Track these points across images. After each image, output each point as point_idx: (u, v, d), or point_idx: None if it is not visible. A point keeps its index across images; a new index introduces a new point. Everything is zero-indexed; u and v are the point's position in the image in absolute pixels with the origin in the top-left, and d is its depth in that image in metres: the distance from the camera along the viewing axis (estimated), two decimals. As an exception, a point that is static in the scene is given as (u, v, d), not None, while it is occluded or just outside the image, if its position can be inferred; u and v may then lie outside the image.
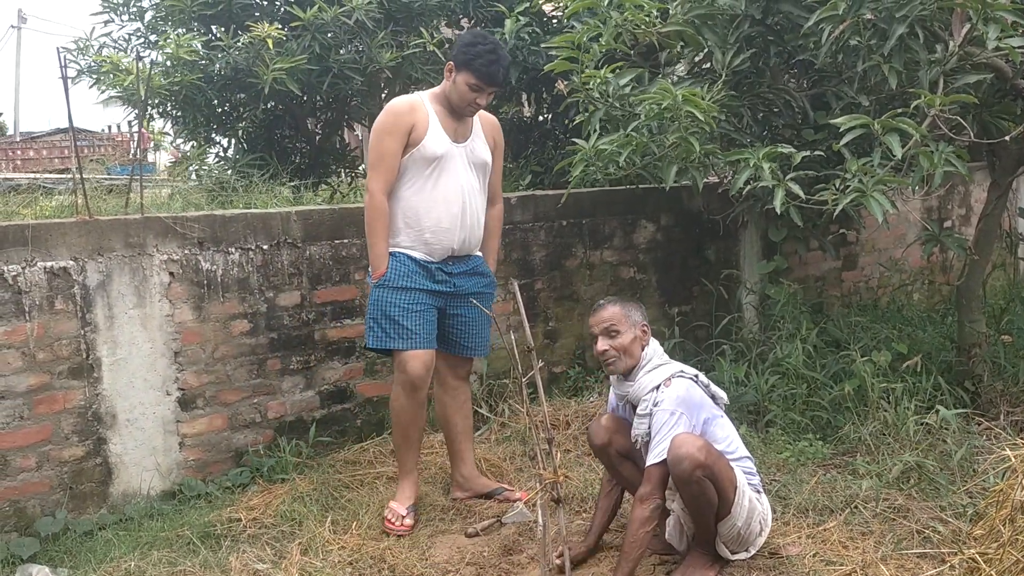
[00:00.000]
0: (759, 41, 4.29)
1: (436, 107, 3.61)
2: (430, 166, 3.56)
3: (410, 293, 3.58)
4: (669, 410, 3.00)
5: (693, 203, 5.44)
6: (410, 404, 3.64)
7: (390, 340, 3.58)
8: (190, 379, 3.94)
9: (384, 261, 3.57)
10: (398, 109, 3.56)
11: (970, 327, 4.63)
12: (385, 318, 3.57)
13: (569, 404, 4.78)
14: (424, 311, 3.61)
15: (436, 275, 3.63)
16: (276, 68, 5.10)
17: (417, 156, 3.54)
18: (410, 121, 3.53)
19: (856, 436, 4.08)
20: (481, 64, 3.48)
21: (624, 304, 3.19)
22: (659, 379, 3.09)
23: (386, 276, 3.57)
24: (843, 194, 3.47)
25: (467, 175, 3.65)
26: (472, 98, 3.54)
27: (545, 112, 6.51)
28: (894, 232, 6.64)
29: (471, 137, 3.68)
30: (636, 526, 2.95)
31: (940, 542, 3.20)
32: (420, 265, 3.61)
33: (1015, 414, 4.28)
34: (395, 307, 3.56)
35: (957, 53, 3.46)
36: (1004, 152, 4.43)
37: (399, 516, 3.58)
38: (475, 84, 3.51)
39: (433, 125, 3.56)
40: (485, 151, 3.73)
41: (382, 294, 3.58)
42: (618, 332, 3.13)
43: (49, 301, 3.58)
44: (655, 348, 3.20)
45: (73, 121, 3.97)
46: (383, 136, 3.54)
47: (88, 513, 3.71)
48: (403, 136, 3.52)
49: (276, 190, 5.02)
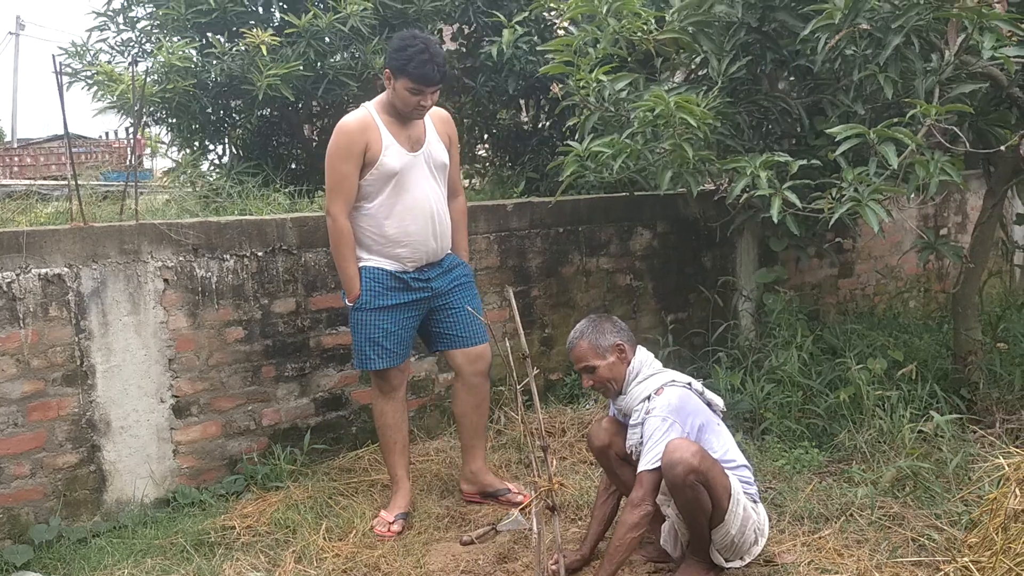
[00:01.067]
0: (756, 49, 4.30)
1: (385, 117, 3.56)
2: (391, 181, 3.54)
3: (389, 313, 3.61)
4: (661, 417, 3.00)
5: (689, 210, 5.45)
6: (391, 406, 3.74)
7: (372, 362, 3.67)
8: (184, 386, 3.94)
9: (356, 283, 3.59)
10: (349, 130, 3.52)
11: (966, 335, 4.63)
12: (368, 342, 3.63)
13: (565, 411, 4.78)
14: (404, 327, 3.67)
15: (412, 284, 3.64)
16: (270, 74, 5.11)
17: (377, 174, 3.53)
18: (363, 141, 3.49)
19: (852, 444, 4.07)
20: (415, 67, 3.41)
21: (591, 333, 3.15)
22: (650, 389, 3.09)
23: (362, 299, 3.59)
24: (839, 203, 3.47)
25: (429, 182, 3.63)
26: (415, 102, 3.48)
27: (543, 119, 6.52)
28: (890, 240, 6.65)
29: (426, 141, 3.64)
30: (624, 530, 2.95)
31: (935, 550, 3.20)
32: (395, 277, 3.61)
33: (1010, 422, 4.28)
34: (377, 330, 3.62)
35: (953, 62, 3.47)
36: (1000, 160, 4.45)
37: (386, 523, 3.62)
38: (414, 88, 3.45)
39: (387, 140, 3.53)
40: (442, 152, 3.70)
41: (362, 317, 3.62)
42: (593, 368, 3.14)
43: (43, 308, 3.57)
44: (642, 358, 3.19)
45: (69, 128, 3.96)
46: (337, 160, 3.52)
47: (82, 520, 3.70)
48: (358, 158, 3.50)
49: (271, 197, 5.02)
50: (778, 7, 4.13)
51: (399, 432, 3.75)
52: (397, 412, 3.76)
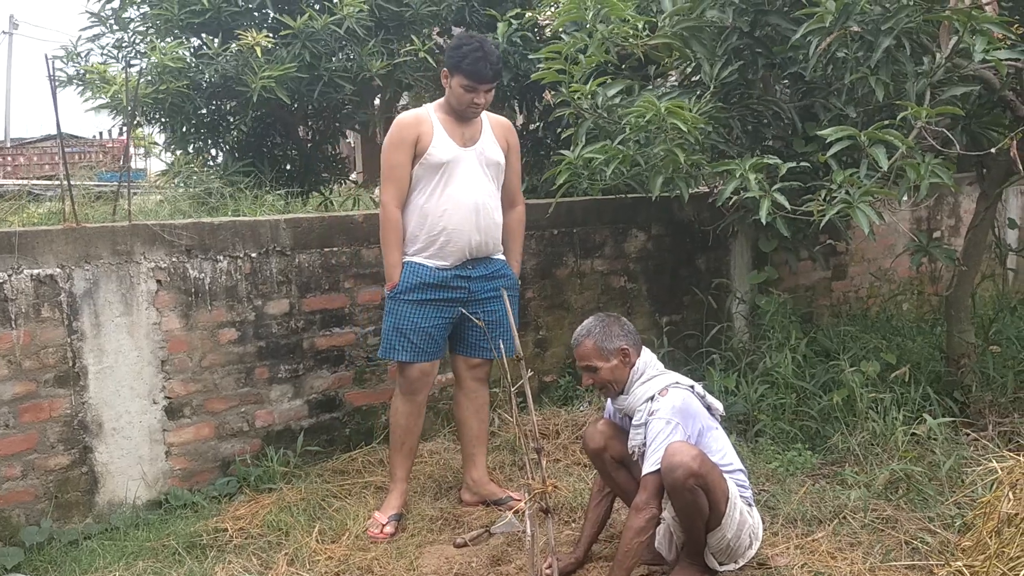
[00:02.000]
0: (747, 53, 4.30)
1: (441, 115, 3.69)
2: (439, 172, 3.63)
3: (422, 306, 3.66)
4: (665, 419, 2.99)
5: (683, 213, 5.45)
6: (406, 408, 3.74)
7: (395, 352, 3.70)
8: (177, 388, 3.92)
9: (397, 271, 3.66)
10: (403, 123, 3.65)
11: (959, 337, 4.64)
12: (395, 331, 3.68)
13: (559, 413, 4.77)
14: (435, 325, 3.69)
15: (451, 282, 3.68)
16: (265, 76, 5.09)
17: (426, 164, 3.62)
18: (415, 132, 3.61)
19: (845, 446, 4.08)
20: (468, 64, 3.54)
21: (599, 334, 3.15)
22: (654, 390, 3.09)
23: (399, 287, 3.66)
24: (829, 205, 3.48)
25: (479, 178, 3.70)
26: (469, 99, 3.59)
27: (537, 120, 6.52)
28: (883, 242, 6.66)
29: (480, 140, 3.73)
30: (631, 535, 2.94)
31: (928, 553, 3.20)
32: (434, 274, 3.66)
33: (1003, 425, 4.29)
34: (407, 321, 3.66)
35: (944, 65, 3.48)
36: (993, 163, 4.46)
37: (379, 524, 3.62)
38: (467, 84, 3.57)
39: (438, 133, 3.63)
40: (497, 152, 3.77)
41: (395, 307, 3.68)
42: (596, 369, 3.14)
43: (35, 309, 3.56)
44: (647, 359, 3.19)
45: (61, 127, 3.95)
46: (391, 150, 3.64)
47: (73, 522, 3.68)
48: (409, 148, 3.61)
49: (265, 198, 5.00)
50: (769, 11, 4.14)
51: (409, 435, 3.76)
52: (412, 415, 3.76)
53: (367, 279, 4.44)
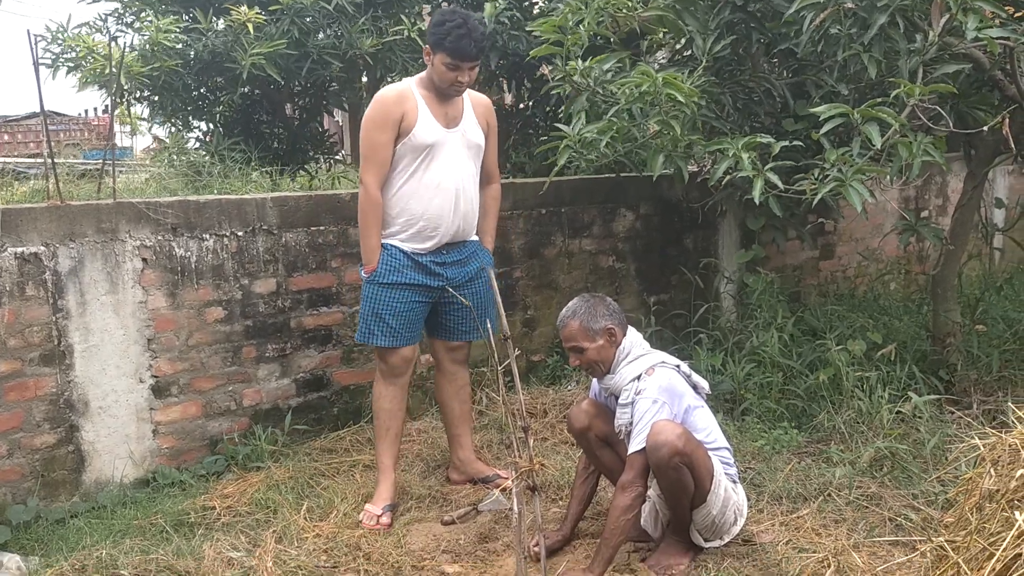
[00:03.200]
0: (740, 28, 4.29)
1: (424, 92, 3.56)
2: (422, 154, 3.53)
3: (400, 290, 3.58)
4: (651, 398, 3.00)
5: (672, 192, 5.44)
6: (389, 392, 3.67)
7: (374, 337, 3.63)
8: (164, 366, 3.91)
9: (376, 255, 3.57)
10: (386, 100, 3.51)
11: (945, 316, 4.66)
12: (374, 316, 3.60)
13: (547, 392, 4.78)
14: (413, 308, 3.62)
15: (428, 268, 3.61)
16: (255, 53, 5.04)
17: (409, 145, 3.51)
18: (399, 111, 3.48)
19: (830, 424, 4.10)
20: (451, 41, 3.41)
21: (584, 314, 3.14)
22: (640, 369, 3.09)
23: (377, 271, 3.58)
24: (822, 183, 3.47)
25: (461, 161, 3.62)
26: (452, 77, 3.48)
27: (526, 99, 6.49)
28: (871, 222, 6.68)
29: (463, 121, 3.63)
30: (617, 513, 2.96)
31: (912, 529, 3.23)
32: (411, 258, 3.58)
33: (988, 403, 4.32)
34: (385, 306, 3.58)
35: (936, 43, 3.46)
36: (981, 143, 4.46)
37: (374, 516, 3.55)
38: (451, 63, 3.44)
39: (423, 113, 3.52)
40: (478, 134, 3.69)
41: (373, 291, 3.60)
42: (582, 349, 3.14)
43: (20, 287, 3.53)
44: (633, 338, 3.19)
45: (45, 105, 3.90)
46: (374, 128, 3.51)
47: (60, 501, 3.68)
48: (394, 127, 3.48)
49: (252, 176, 4.97)
50: (763, -15, 4.11)
51: (394, 420, 3.69)
52: (395, 399, 3.69)
53: (354, 258, 4.42)
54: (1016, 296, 6.07)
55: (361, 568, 3.15)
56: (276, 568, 3.09)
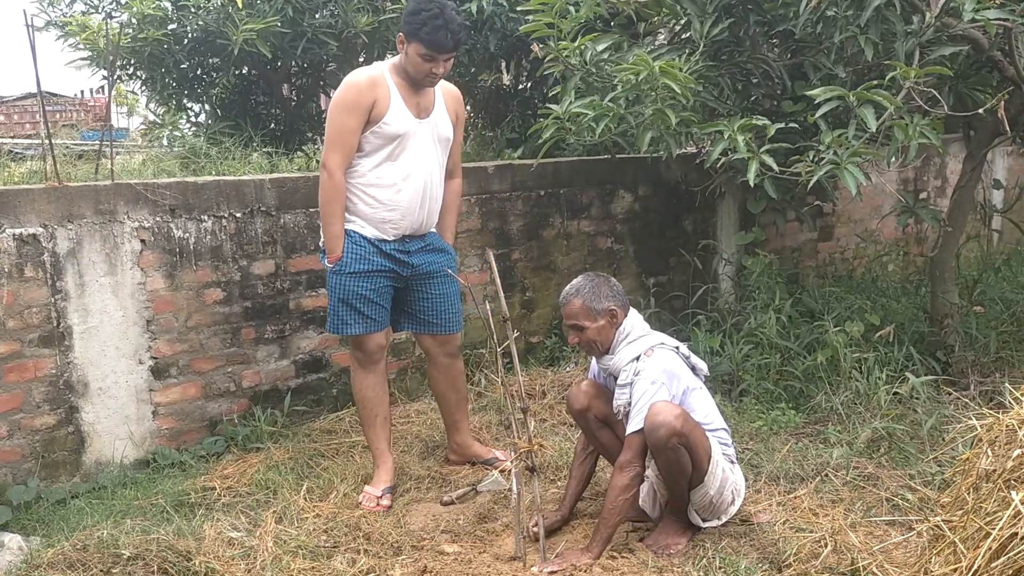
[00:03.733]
0: (738, 10, 4.27)
1: (397, 80, 3.45)
2: (391, 143, 3.44)
3: (367, 278, 3.51)
4: (650, 379, 3.01)
5: (671, 174, 5.44)
6: (369, 380, 3.63)
7: (347, 327, 3.56)
8: (163, 348, 3.91)
9: (339, 243, 3.47)
10: (359, 84, 3.39)
11: (943, 298, 4.67)
12: (344, 305, 3.53)
13: (545, 374, 4.79)
14: (381, 295, 3.56)
15: (392, 254, 3.54)
16: (246, 29, 5.00)
17: (378, 134, 3.41)
18: (371, 97, 3.37)
19: (828, 405, 4.12)
20: (427, 32, 3.30)
21: (587, 293, 3.14)
22: (640, 350, 3.10)
23: (342, 261, 3.48)
24: (817, 166, 3.47)
25: (429, 152, 3.53)
26: (427, 68, 3.36)
27: (524, 80, 6.46)
28: (870, 203, 6.68)
29: (434, 112, 3.54)
30: (615, 493, 2.97)
31: (908, 510, 3.25)
32: (375, 245, 3.50)
33: (985, 384, 4.34)
34: (353, 295, 3.51)
35: (933, 25, 3.46)
36: (979, 124, 4.46)
37: (374, 498, 3.54)
38: (426, 54, 3.33)
39: (395, 101, 3.42)
40: (447, 127, 3.60)
41: (340, 281, 3.51)
42: (582, 328, 3.14)
43: (19, 268, 3.53)
44: (633, 320, 3.20)
45: (42, 85, 3.88)
46: (342, 112, 3.38)
47: (61, 482, 3.69)
48: (364, 113, 3.37)
49: (250, 157, 4.95)
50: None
51: (379, 406, 3.65)
52: (377, 385, 3.64)
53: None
54: (1014, 277, 6.08)
55: (361, 548, 3.17)
56: (276, 548, 3.11)
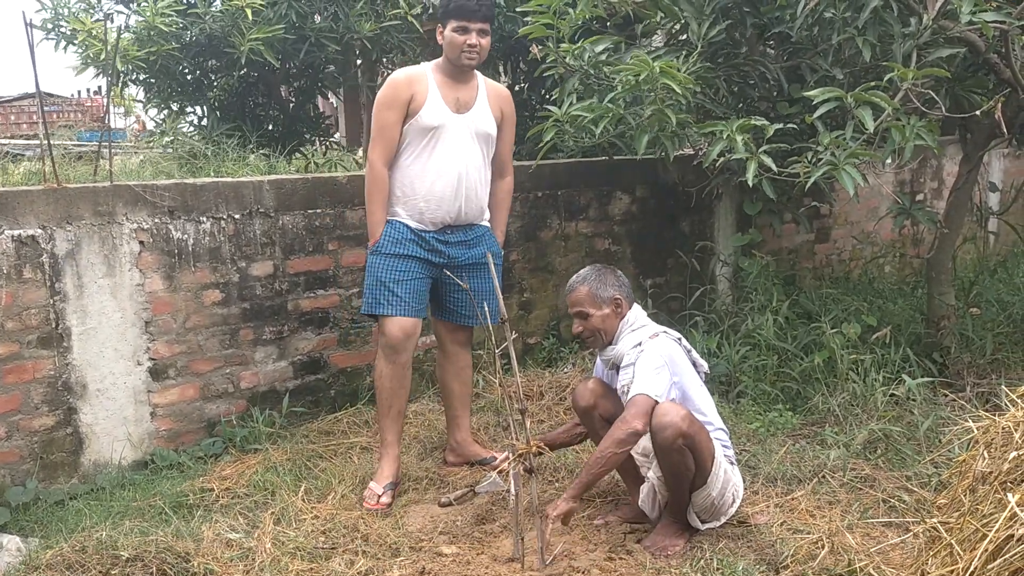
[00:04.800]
0: (735, 12, 4.28)
1: (438, 76, 3.61)
2: (427, 136, 3.57)
3: (403, 260, 3.61)
4: (657, 353, 3.06)
5: (668, 175, 5.45)
6: (390, 370, 3.65)
7: (379, 306, 3.62)
8: (161, 349, 3.92)
9: (379, 229, 3.61)
10: (397, 81, 3.57)
11: (939, 299, 4.69)
12: (377, 283, 3.61)
13: (543, 375, 4.80)
14: (415, 279, 3.63)
15: (431, 244, 3.64)
16: (253, 38, 5.02)
17: (415, 126, 3.56)
18: (408, 92, 3.54)
19: (825, 407, 4.13)
20: (455, 5, 3.48)
21: (594, 281, 3.20)
22: (643, 336, 3.14)
23: (380, 243, 3.61)
24: (815, 167, 3.48)
25: (468, 146, 3.63)
26: (462, 41, 3.50)
27: (522, 82, 6.47)
28: (866, 205, 6.69)
29: (474, 107, 3.65)
30: (608, 443, 2.94)
31: (905, 511, 3.26)
32: (415, 233, 3.62)
33: (981, 386, 4.35)
34: (387, 273, 3.60)
35: (931, 27, 3.47)
36: (976, 126, 4.47)
37: (375, 495, 3.55)
38: (458, 26, 3.49)
39: (432, 95, 3.56)
40: (488, 123, 3.69)
41: (376, 260, 3.63)
42: (587, 315, 3.18)
43: (17, 270, 3.53)
44: (637, 312, 3.25)
45: (40, 86, 3.88)
46: (383, 108, 3.56)
47: (59, 483, 3.69)
48: (402, 107, 3.54)
49: (248, 159, 4.96)
50: (758, -31, 4.10)
51: (396, 398, 3.68)
52: (396, 377, 3.66)
53: (351, 241, 4.43)
54: (1010, 279, 6.09)
55: (359, 549, 3.17)
56: (275, 549, 3.11)
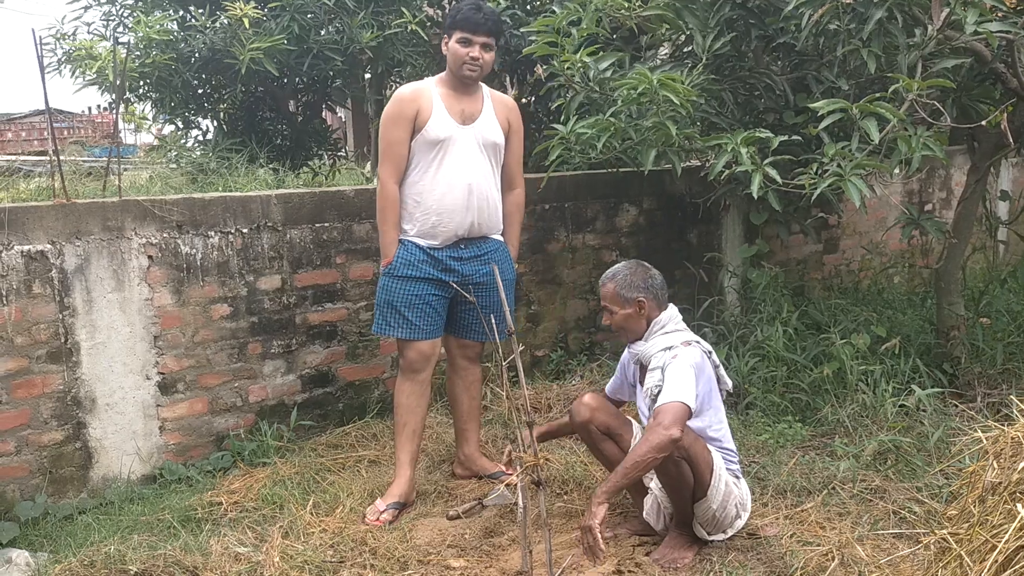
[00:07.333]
0: (740, 24, 4.29)
1: (443, 89, 3.61)
2: (434, 149, 3.57)
3: (415, 283, 3.60)
4: (690, 362, 3.05)
5: (675, 187, 5.45)
6: (408, 386, 3.68)
7: (391, 329, 3.65)
8: (170, 363, 3.93)
9: (392, 249, 3.61)
10: (402, 97, 3.58)
11: (949, 310, 4.67)
12: (389, 307, 3.64)
13: (551, 388, 4.79)
14: (428, 303, 3.63)
15: (444, 263, 3.62)
16: (253, 48, 5.05)
17: (422, 140, 3.56)
18: (414, 108, 3.54)
19: (835, 418, 4.11)
20: (462, 16, 3.50)
21: (621, 280, 3.23)
22: (674, 341, 3.15)
23: (392, 264, 3.61)
24: (821, 178, 3.48)
25: (475, 157, 3.62)
26: (464, 54, 3.51)
27: (528, 95, 6.49)
28: (875, 215, 6.68)
29: (480, 118, 3.64)
30: (645, 447, 2.84)
31: (915, 522, 3.24)
32: (427, 253, 3.61)
33: (992, 396, 4.32)
34: (399, 297, 3.61)
35: (936, 37, 3.47)
36: (983, 136, 4.46)
37: (376, 511, 3.53)
38: (462, 37, 3.51)
39: (437, 108, 3.56)
40: (495, 132, 3.68)
41: (388, 283, 3.64)
42: (612, 312, 3.23)
43: (27, 285, 3.55)
44: (672, 314, 3.25)
45: (50, 103, 3.92)
46: (389, 126, 3.57)
47: (68, 497, 3.70)
48: (408, 123, 3.54)
49: (256, 173, 4.98)
50: (763, -18, 4.12)
51: (412, 416, 3.68)
52: (414, 395, 3.68)
53: (359, 255, 4.45)
54: (1020, 289, 6.06)
55: (367, 563, 3.16)
56: (283, 563, 3.11)
